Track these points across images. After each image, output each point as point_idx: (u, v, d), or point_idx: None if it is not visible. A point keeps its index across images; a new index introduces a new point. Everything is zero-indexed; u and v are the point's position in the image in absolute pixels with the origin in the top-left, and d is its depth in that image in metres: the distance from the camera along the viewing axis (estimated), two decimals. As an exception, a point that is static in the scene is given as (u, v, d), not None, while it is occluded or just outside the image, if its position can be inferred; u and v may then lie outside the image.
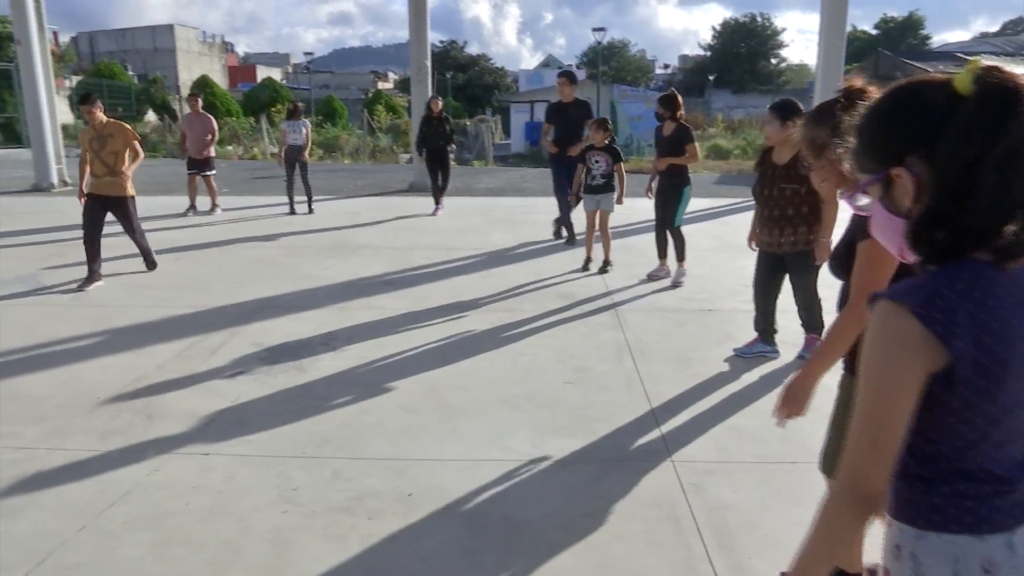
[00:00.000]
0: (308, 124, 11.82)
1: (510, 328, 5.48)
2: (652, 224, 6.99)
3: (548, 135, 8.57)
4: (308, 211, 11.12)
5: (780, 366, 4.65)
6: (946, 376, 1.08)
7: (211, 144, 11.31)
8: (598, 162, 7.10)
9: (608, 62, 61.79)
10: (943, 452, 1.14)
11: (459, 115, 35.86)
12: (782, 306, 4.84)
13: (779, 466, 3.42)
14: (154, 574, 2.61)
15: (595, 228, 7.26)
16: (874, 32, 60.47)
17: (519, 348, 5.06)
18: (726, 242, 8.65)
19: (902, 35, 58.13)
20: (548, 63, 72.19)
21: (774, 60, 65.14)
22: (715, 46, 65.12)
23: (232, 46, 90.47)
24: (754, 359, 4.77)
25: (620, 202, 7.24)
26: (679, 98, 6.74)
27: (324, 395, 4.24)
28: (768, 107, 4.55)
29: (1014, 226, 1.07)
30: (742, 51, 62.66)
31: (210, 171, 11.23)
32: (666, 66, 79.41)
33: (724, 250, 8.24)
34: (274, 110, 30.89)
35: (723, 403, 4.14)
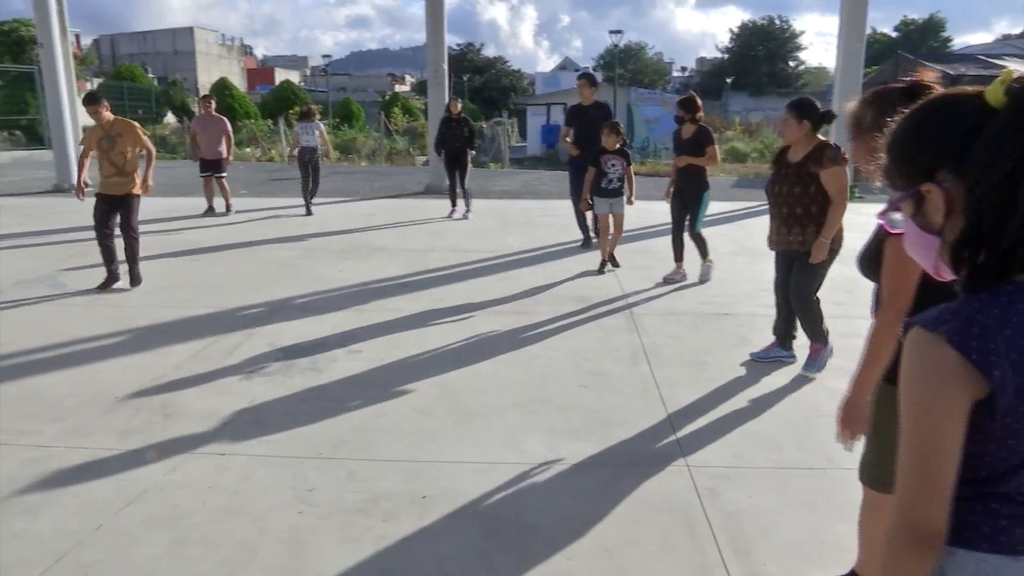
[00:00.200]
0: (322, 126, 11.89)
1: (525, 331, 5.48)
2: (668, 227, 6.96)
3: (568, 137, 8.53)
4: (309, 210, 11.19)
5: (797, 371, 4.62)
6: (987, 404, 1.04)
7: (229, 146, 11.39)
8: (614, 166, 7.10)
9: (625, 65, 61.62)
10: (982, 476, 1.10)
11: (476, 117, 35.83)
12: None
13: (795, 471, 3.39)
14: (170, 573, 2.63)
15: (609, 230, 7.27)
16: (894, 34, 59.94)
17: (534, 351, 5.06)
18: (743, 245, 8.61)
19: (923, 37, 57.55)
20: (565, 66, 72.14)
21: (792, 63, 64.66)
22: (733, 48, 64.78)
23: (251, 49, 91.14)
24: (771, 364, 4.74)
25: (631, 202, 7.31)
26: (698, 101, 6.72)
27: (340, 396, 4.26)
28: (785, 105, 4.52)
29: None
30: (760, 54, 62.29)
31: (222, 174, 11.28)
32: (683, 69, 79.08)
33: (741, 253, 8.19)
34: (291, 112, 31.10)
35: (739, 408, 4.11)
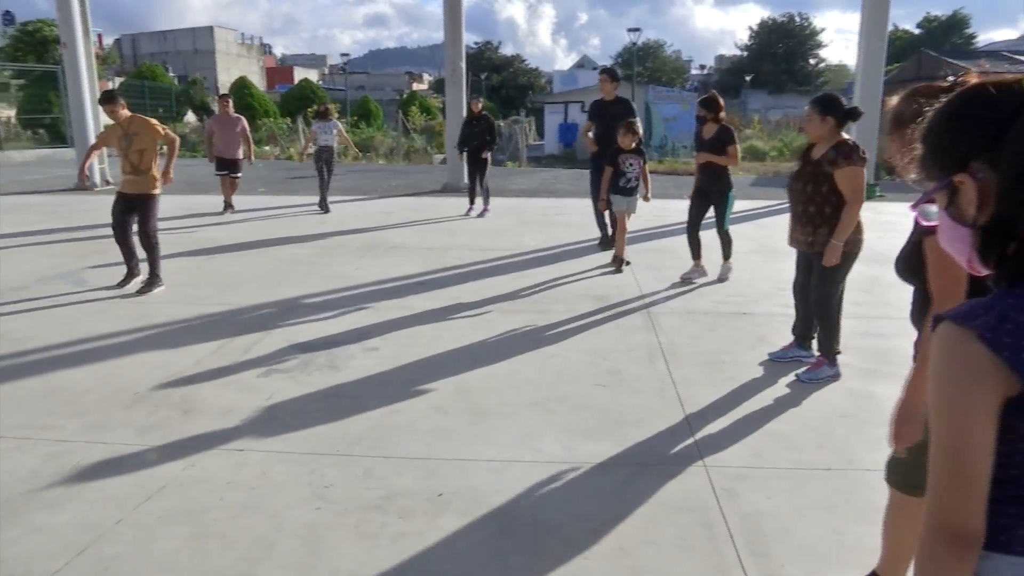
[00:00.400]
0: (339, 125, 11.96)
1: (542, 329, 5.48)
2: (685, 226, 6.91)
3: (589, 132, 8.43)
4: (326, 207, 11.25)
5: (816, 371, 4.57)
6: (1019, 402, 1.02)
7: (249, 146, 11.46)
8: (632, 165, 7.10)
9: (643, 63, 61.38)
10: (1012, 475, 1.08)
11: (493, 116, 35.92)
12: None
13: (814, 472, 3.36)
14: (189, 567, 2.66)
15: (626, 229, 7.29)
16: (917, 31, 59.28)
17: (551, 350, 5.05)
18: (762, 244, 8.55)
19: (946, 34, 56.87)
20: (582, 64, 71.95)
21: (812, 60, 64.16)
22: (752, 46, 64.35)
23: (270, 48, 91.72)
24: (790, 364, 4.70)
25: (647, 199, 7.34)
26: (720, 100, 6.66)
27: (357, 394, 4.27)
28: (809, 101, 4.45)
29: None
30: (780, 51, 61.82)
31: (236, 174, 11.36)
32: (702, 67, 78.61)
33: (760, 252, 8.14)
34: (310, 111, 31.27)
35: (757, 408, 4.08)
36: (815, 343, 4.69)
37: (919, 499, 2.29)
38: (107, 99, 6.65)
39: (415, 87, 62.93)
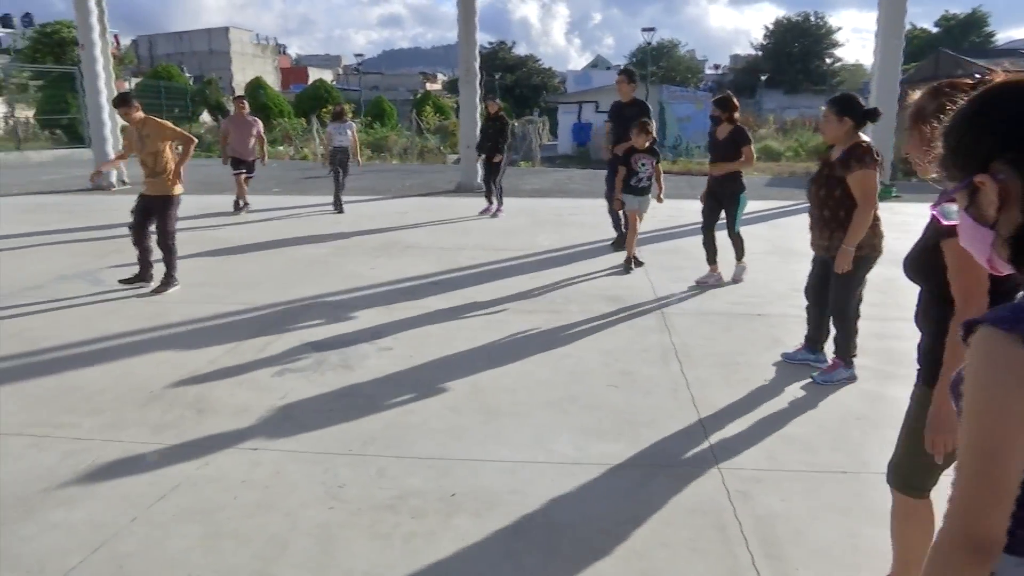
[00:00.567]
0: (354, 127, 12.00)
1: (555, 330, 5.47)
2: (700, 226, 6.87)
3: (609, 135, 8.42)
4: (340, 208, 11.30)
5: (831, 373, 4.54)
6: None
7: (263, 147, 11.52)
8: (644, 165, 7.08)
9: (657, 62, 61.21)
10: None
11: (507, 116, 35.95)
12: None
13: (829, 475, 3.34)
14: (203, 566, 2.67)
15: (637, 229, 7.27)
16: (934, 30, 58.83)
17: (564, 350, 5.04)
18: (777, 245, 8.50)
19: (964, 33, 56.34)
20: (596, 64, 71.87)
21: (828, 60, 63.81)
22: (767, 46, 64.08)
23: (285, 48, 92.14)
24: (804, 366, 4.66)
25: (660, 200, 7.31)
26: (735, 100, 6.59)
27: (370, 393, 4.28)
28: (827, 101, 4.38)
29: None
30: (795, 51, 61.53)
31: (250, 174, 11.43)
32: (716, 66, 78.40)
33: (774, 253, 8.09)
34: (324, 111, 31.37)
35: (772, 410, 4.06)
36: (828, 347, 4.65)
37: (922, 501, 2.27)
38: (121, 101, 6.65)
39: (429, 87, 63.01)
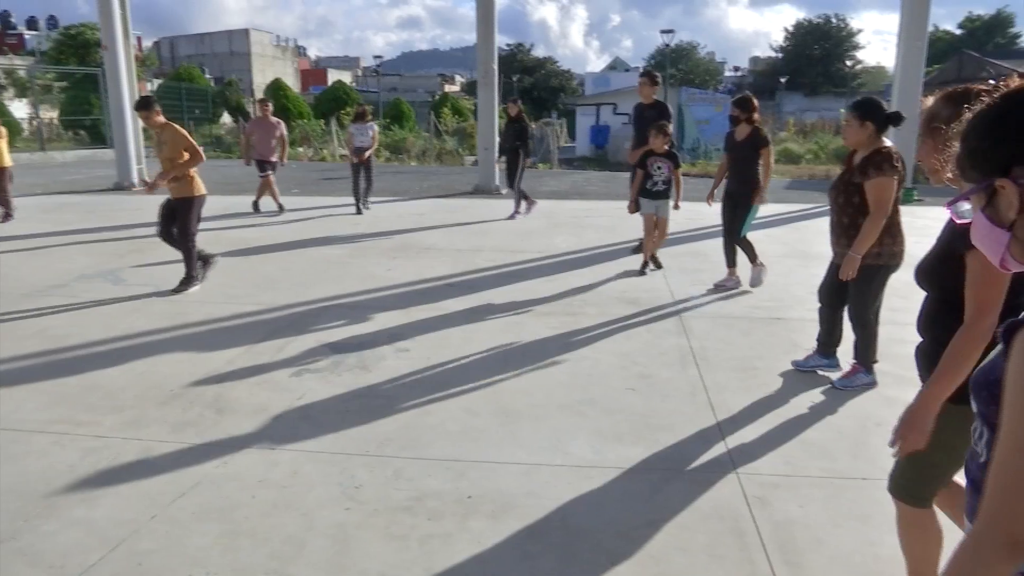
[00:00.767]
0: (375, 127, 12.03)
1: (573, 332, 5.46)
2: (718, 228, 6.84)
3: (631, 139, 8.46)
4: (364, 206, 11.34)
5: (851, 378, 4.49)
6: None
7: (284, 149, 11.59)
8: (660, 168, 7.03)
9: (676, 64, 60.97)
10: None
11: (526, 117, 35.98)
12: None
13: (849, 482, 3.30)
14: (221, 565, 2.68)
15: (653, 232, 7.23)
16: (958, 32, 58.17)
17: (581, 353, 5.03)
18: (796, 249, 8.43)
19: (989, 34, 55.66)
20: (615, 66, 71.73)
21: (849, 62, 63.29)
22: (787, 48, 63.69)
23: (304, 50, 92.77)
24: (826, 371, 4.62)
25: (677, 206, 7.22)
26: (755, 101, 6.51)
27: (387, 394, 4.29)
28: (849, 105, 4.32)
29: None
30: (815, 53, 61.10)
31: (272, 172, 11.48)
32: (736, 68, 78.00)
33: (793, 257, 8.02)
34: (343, 112, 31.54)
35: (790, 415, 4.02)
36: (841, 351, 4.60)
37: (924, 511, 2.24)
38: (142, 105, 6.65)
39: (447, 89, 63.18)
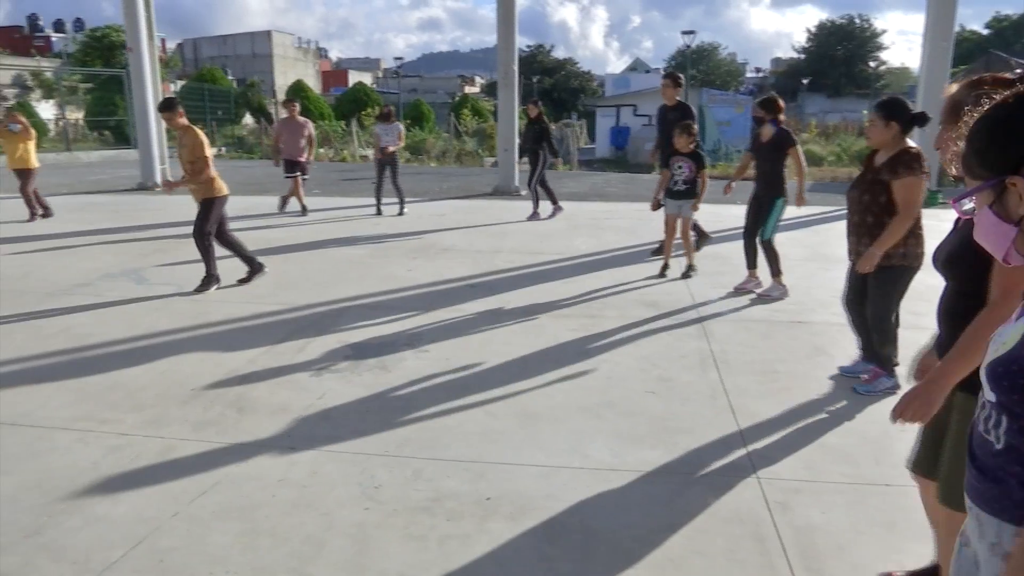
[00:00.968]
0: (401, 127, 12.03)
1: (592, 335, 5.44)
2: (740, 231, 6.77)
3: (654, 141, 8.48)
4: (399, 212, 11.35)
5: (874, 383, 4.44)
6: None
7: (311, 148, 11.68)
8: (681, 168, 6.99)
9: (697, 66, 60.69)
10: None
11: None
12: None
13: (872, 488, 3.26)
14: (241, 563, 2.70)
15: (675, 234, 7.18)
16: (985, 32, 57.38)
17: (601, 355, 5.01)
18: (817, 252, 8.35)
19: (1017, 34, 54.74)
20: (635, 67, 71.50)
21: (872, 63, 62.65)
22: (810, 49, 63.19)
23: (325, 51, 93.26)
24: (848, 376, 4.56)
25: (695, 208, 7.12)
26: (780, 101, 6.42)
27: (407, 395, 4.30)
28: (873, 105, 4.26)
29: None
30: (838, 54, 60.55)
31: (304, 175, 11.58)
32: (757, 70, 77.54)
33: (815, 260, 7.95)
34: (364, 113, 31.71)
35: (812, 419, 3.98)
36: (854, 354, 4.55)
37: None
38: (165, 106, 6.65)
39: (467, 90, 63.30)
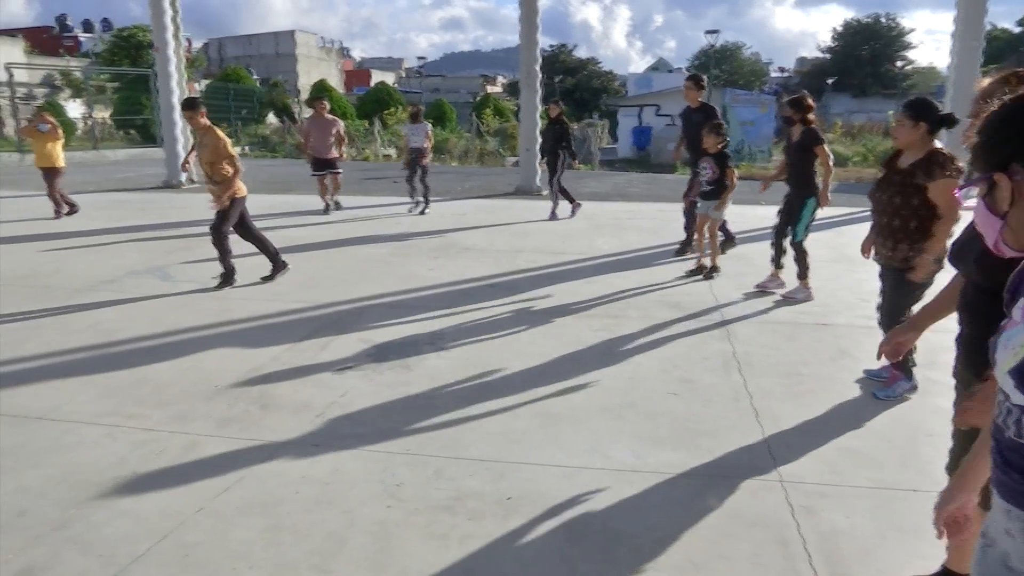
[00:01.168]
0: (429, 127, 12.07)
1: (614, 335, 5.42)
2: (764, 233, 6.72)
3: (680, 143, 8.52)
4: (422, 211, 11.43)
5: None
6: None
7: (341, 146, 11.74)
8: (705, 168, 6.95)
9: (720, 65, 60.32)
10: None
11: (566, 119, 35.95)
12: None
13: (897, 492, 3.22)
14: (264, 559, 2.72)
15: (703, 232, 7.15)
16: (1016, 30, 56.45)
17: (623, 356, 4.99)
18: (843, 253, 8.26)
19: (1049, 33, 53.98)
20: (658, 67, 71.27)
21: (899, 63, 61.90)
22: (835, 48, 62.60)
23: (348, 51, 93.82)
24: (872, 379, 4.51)
25: (717, 209, 7.04)
26: (810, 101, 6.34)
27: (428, 394, 4.31)
28: (901, 105, 4.20)
29: None
30: (864, 53, 59.91)
31: (336, 171, 11.69)
32: (782, 69, 76.88)
33: (840, 261, 7.87)
34: (386, 113, 31.85)
35: (836, 422, 3.94)
36: (873, 356, 4.46)
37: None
38: (187, 105, 6.64)
39: (489, 90, 63.35)
